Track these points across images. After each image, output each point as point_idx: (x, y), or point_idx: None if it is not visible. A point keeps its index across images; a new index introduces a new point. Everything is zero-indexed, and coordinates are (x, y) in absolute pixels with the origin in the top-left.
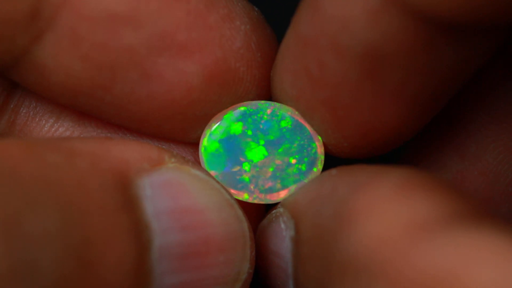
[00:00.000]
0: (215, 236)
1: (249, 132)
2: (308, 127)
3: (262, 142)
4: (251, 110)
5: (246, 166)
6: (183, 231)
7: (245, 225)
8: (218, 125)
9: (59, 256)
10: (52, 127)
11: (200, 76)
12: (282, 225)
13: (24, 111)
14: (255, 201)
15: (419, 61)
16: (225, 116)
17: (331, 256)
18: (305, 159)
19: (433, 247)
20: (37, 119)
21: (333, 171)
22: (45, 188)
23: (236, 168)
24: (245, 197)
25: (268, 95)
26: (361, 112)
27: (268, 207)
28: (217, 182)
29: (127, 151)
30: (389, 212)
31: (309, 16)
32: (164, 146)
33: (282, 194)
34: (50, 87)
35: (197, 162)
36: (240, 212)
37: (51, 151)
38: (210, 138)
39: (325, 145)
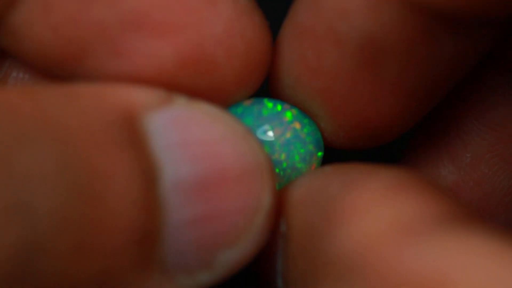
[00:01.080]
0: (230, 167)
1: None
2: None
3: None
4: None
5: None
6: (195, 163)
7: (261, 156)
8: None
9: (57, 195)
10: None
11: (172, 59)
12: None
13: (14, 75)
14: None
15: (417, 52)
16: None
17: (317, 255)
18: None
19: (422, 248)
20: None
21: (327, 168)
22: (42, 126)
23: None
24: None
25: (252, 84)
26: (358, 101)
27: None
28: (230, 115)
29: (134, 90)
30: (377, 212)
31: (307, 5)
32: None
33: None
34: (25, 53)
35: None
36: (256, 144)
37: (51, 93)
38: None
39: (322, 132)
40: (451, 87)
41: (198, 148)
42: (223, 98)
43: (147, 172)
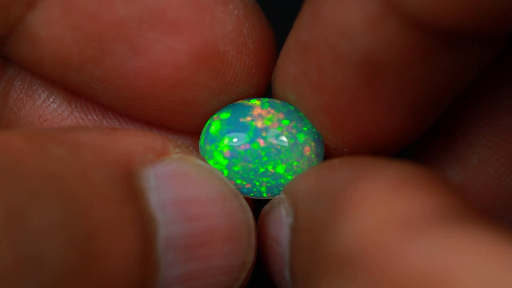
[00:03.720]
0: (220, 226)
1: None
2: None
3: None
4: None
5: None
6: (188, 222)
7: (249, 215)
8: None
9: (63, 249)
10: (44, 102)
11: (188, 55)
12: (283, 212)
13: (18, 83)
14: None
15: (417, 69)
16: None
17: (321, 248)
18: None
19: (425, 244)
20: (30, 93)
21: (335, 161)
22: (49, 181)
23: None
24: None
25: (259, 85)
26: (359, 117)
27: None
28: (221, 173)
29: (132, 142)
30: (380, 207)
31: (309, 21)
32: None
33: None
34: (42, 59)
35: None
36: (244, 202)
37: (55, 143)
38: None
39: (326, 148)
40: (452, 101)
41: (190, 207)
42: (234, 96)
43: (145, 228)
